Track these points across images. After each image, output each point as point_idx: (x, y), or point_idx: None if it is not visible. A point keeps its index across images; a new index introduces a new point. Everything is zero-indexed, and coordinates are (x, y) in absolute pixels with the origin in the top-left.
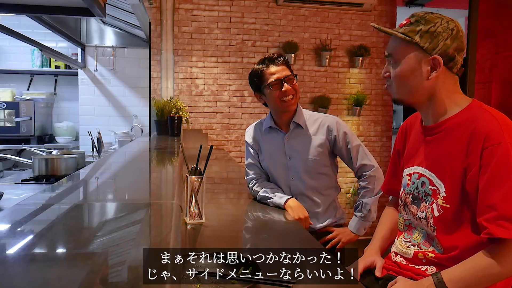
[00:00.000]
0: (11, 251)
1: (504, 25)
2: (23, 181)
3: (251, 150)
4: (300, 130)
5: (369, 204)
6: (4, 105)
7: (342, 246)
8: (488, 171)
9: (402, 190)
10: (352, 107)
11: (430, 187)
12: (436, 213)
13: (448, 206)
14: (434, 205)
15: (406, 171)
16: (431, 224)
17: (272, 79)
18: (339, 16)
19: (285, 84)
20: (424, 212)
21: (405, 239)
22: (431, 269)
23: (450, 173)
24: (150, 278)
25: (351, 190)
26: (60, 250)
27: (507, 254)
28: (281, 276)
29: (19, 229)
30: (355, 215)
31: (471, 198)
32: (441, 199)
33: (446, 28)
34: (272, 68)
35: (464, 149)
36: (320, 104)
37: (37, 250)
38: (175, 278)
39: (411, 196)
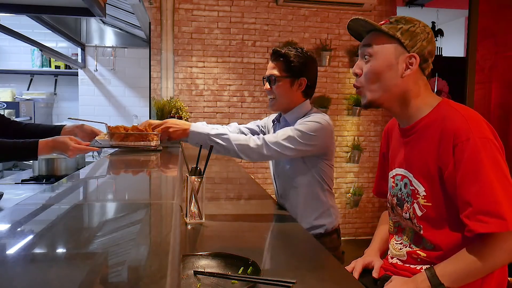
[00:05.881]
0: (11, 251)
1: (504, 25)
2: (23, 181)
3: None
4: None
5: (230, 141)
6: (4, 105)
7: (164, 137)
8: (461, 168)
9: (388, 193)
10: (352, 107)
11: (410, 187)
12: (419, 213)
13: (430, 204)
14: (416, 205)
15: (390, 173)
16: (416, 224)
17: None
18: (339, 16)
19: (266, 83)
20: (408, 213)
21: (396, 241)
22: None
23: (426, 172)
24: (150, 278)
25: (351, 190)
26: (60, 250)
27: (494, 246)
28: (281, 276)
29: (19, 229)
30: (211, 127)
31: (452, 196)
32: (421, 198)
33: (423, 31)
34: (269, 63)
35: (436, 148)
36: (320, 104)
37: (37, 250)
38: (175, 278)
39: (395, 198)
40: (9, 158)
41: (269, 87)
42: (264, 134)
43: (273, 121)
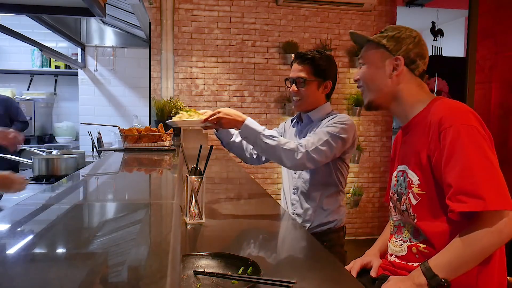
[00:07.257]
0: (11, 251)
1: (504, 25)
2: None
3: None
4: (311, 125)
5: (280, 144)
6: None
7: (215, 119)
8: (444, 154)
9: (391, 192)
10: (352, 107)
11: (406, 179)
12: (414, 201)
13: (424, 192)
14: (411, 195)
15: (393, 174)
16: (411, 213)
17: (290, 75)
18: (339, 16)
19: (293, 85)
20: (404, 204)
21: (396, 239)
22: None
23: (418, 162)
24: (150, 278)
25: (351, 190)
26: (60, 250)
27: (479, 230)
28: (281, 276)
29: (19, 229)
30: (263, 128)
31: (440, 182)
32: (416, 187)
33: (409, 36)
34: (294, 66)
35: (426, 139)
36: None
37: (37, 250)
38: (175, 278)
39: (396, 194)
40: None
41: (296, 88)
42: None
43: (292, 121)
